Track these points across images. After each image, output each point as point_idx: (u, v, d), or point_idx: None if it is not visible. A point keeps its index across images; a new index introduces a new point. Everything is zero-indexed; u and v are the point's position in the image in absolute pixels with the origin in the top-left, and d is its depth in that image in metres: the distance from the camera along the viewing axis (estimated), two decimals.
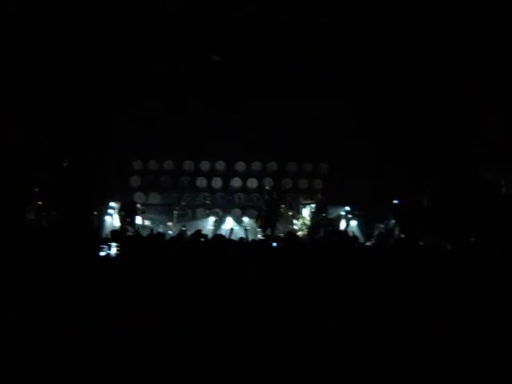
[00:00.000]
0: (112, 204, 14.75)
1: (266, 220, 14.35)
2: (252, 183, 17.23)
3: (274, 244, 8.27)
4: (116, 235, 9.42)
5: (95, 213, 14.20)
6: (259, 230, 14.51)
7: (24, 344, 3.84)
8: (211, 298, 4.52)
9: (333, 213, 15.40)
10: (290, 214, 15.59)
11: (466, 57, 11.33)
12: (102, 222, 14.31)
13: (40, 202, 12.64)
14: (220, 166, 17.37)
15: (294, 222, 15.34)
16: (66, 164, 13.80)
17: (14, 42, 10.63)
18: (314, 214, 14.60)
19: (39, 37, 10.92)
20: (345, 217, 15.25)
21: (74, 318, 4.09)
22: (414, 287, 4.64)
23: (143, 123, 15.70)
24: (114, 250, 8.21)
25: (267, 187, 15.78)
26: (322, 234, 13.51)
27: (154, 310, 4.31)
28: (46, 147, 13.02)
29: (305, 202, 15.49)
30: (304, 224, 15.01)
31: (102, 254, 7.69)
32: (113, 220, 14.46)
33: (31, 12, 10.30)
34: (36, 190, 12.60)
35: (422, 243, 8.78)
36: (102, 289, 4.62)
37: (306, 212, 15.13)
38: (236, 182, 17.30)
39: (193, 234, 8.24)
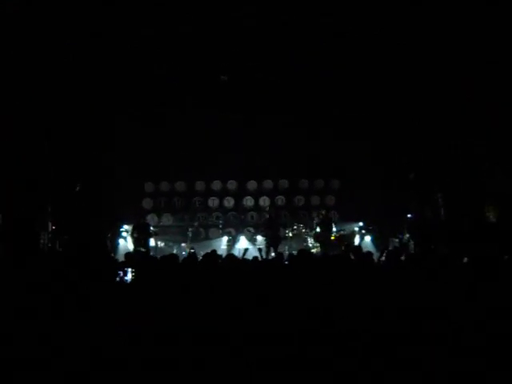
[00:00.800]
0: (125, 226, 14.81)
1: (271, 239, 14.28)
2: (264, 201, 17.21)
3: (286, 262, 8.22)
4: (130, 258, 9.42)
5: (108, 235, 14.26)
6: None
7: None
8: (224, 315, 4.49)
9: (346, 228, 15.33)
10: (304, 231, 15.54)
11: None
12: (115, 245, 14.37)
13: (54, 227, 12.72)
14: (231, 185, 17.40)
15: (308, 239, 15.27)
16: (78, 188, 13.88)
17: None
18: (320, 231, 14.44)
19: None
20: (358, 232, 15.18)
21: (91, 343, 4.07)
22: (428, 301, 4.59)
23: (154, 145, 15.80)
24: (129, 276, 8.21)
25: (266, 207, 15.66)
26: (335, 250, 13.39)
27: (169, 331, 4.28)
28: (59, 171, 13.09)
29: (318, 219, 15.42)
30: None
31: (118, 279, 7.68)
32: (126, 242, 14.50)
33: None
34: (49, 214, 12.66)
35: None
36: (119, 313, 4.61)
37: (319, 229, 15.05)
38: (248, 201, 17.30)
39: (205, 255, 8.21)
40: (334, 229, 14.53)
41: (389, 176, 15.17)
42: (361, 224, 15.26)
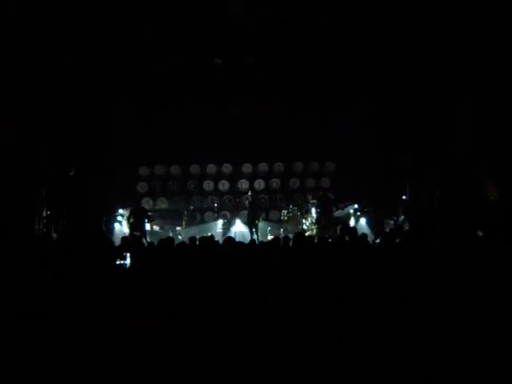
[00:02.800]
0: (120, 211, 14.77)
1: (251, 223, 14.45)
2: (259, 184, 17.20)
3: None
4: (127, 242, 9.43)
5: (103, 220, 14.22)
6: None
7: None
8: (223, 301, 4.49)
9: (342, 211, 15.33)
10: (299, 214, 15.57)
11: (466, 57, 11.28)
12: (110, 229, 14.33)
13: (48, 212, 12.66)
14: (226, 168, 17.37)
15: (303, 221, 15.31)
16: (72, 173, 13.81)
17: (13, 43, 10.64)
18: (321, 213, 14.48)
19: (39, 37, 10.94)
20: (354, 214, 15.19)
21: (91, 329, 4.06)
22: (422, 285, 4.61)
23: (148, 128, 15.75)
24: (128, 261, 8.22)
25: (249, 193, 15.74)
26: (331, 232, 13.42)
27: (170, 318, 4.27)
28: (53, 156, 13.02)
29: (313, 201, 15.43)
30: (313, 223, 14.95)
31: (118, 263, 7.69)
32: (121, 227, 14.48)
33: (31, 12, 10.30)
34: (44, 200, 12.60)
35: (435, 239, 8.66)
36: (119, 299, 4.60)
37: (314, 211, 15.08)
38: (243, 184, 17.28)
39: (202, 240, 8.20)
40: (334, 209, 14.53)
41: (384, 158, 15.16)
42: (356, 206, 15.27)
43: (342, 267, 5.50)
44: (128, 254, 8.14)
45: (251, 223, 14.45)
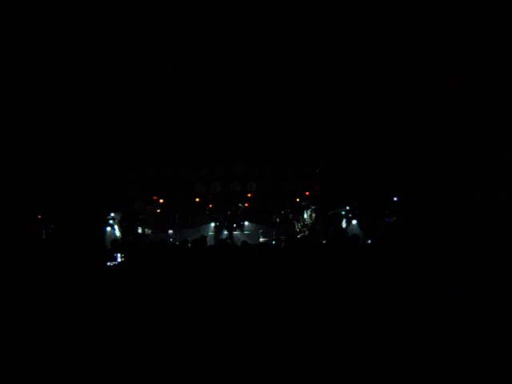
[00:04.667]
0: (112, 214, 14.71)
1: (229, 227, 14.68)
2: (251, 187, 17.18)
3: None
4: (118, 245, 9.41)
5: (95, 223, 14.16)
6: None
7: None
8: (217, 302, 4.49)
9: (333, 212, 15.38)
10: (290, 216, 15.59)
11: (465, 57, 11.35)
12: (102, 233, 14.27)
13: (39, 216, 12.62)
14: (218, 170, 17.33)
15: (295, 224, 15.33)
16: (63, 176, 13.76)
17: (14, 43, 10.63)
18: (317, 214, 14.60)
19: (39, 37, 10.93)
20: (345, 216, 15.23)
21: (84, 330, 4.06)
22: (416, 284, 4.64)
23: (140, 131, 15.67)
24: (119, 261, 8.23)
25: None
26: (323, 234, 13.47)
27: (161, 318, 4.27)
28: (44, 159, 12.98)
29: (305, 203, 15.48)
30: (304, 226, 14.99)
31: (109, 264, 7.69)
32: (114, 230, 14.43)
33: (31, 12, 10.28)
34: (35, 202, 12.56)
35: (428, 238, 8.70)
36: (109, 298, 4.60)
37: (306, 214, 15.13)
38: (235, 187, 17.25)
39: (194, 241, 8.20)
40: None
41: (376, 159, 15.19)
42: (347, 208, 15.30)
43: (333, 267, 5.51)
44: (118, 255, 8.14)
45: (230, 228, 14.60)
